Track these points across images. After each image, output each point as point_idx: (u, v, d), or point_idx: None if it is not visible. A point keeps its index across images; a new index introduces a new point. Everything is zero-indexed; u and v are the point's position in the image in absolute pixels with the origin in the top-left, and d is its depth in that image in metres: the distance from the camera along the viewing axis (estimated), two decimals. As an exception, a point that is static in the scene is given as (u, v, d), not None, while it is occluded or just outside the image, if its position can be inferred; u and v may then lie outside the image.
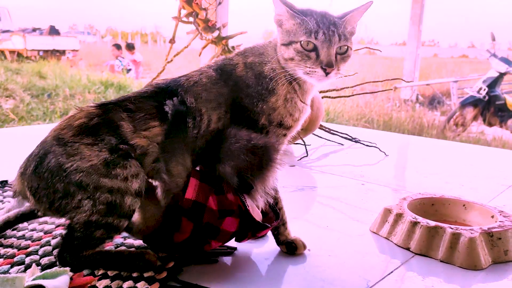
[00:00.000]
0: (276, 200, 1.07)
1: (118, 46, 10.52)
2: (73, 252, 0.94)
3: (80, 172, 0.91)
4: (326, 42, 0.96)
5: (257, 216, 1.00)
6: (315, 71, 0.96)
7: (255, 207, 1.00)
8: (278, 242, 1.09)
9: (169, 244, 1.01)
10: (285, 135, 1.05)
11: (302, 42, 0.97)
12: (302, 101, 1.04)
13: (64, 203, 0.92)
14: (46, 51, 11.99)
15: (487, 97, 6.35)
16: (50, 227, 1.15)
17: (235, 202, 0.98)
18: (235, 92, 1.01)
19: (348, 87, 2.16)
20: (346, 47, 0.99)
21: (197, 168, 1.03)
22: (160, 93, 1.00)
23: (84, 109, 0.98)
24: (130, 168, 0.93)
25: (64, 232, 0.96)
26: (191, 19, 2.01)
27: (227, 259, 1.04)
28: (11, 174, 1.60)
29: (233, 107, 1.01)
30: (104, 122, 0.95)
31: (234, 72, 1.02)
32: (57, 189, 0.92)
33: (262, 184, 0.98)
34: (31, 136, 1.09)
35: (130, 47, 10.33)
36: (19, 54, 11.45)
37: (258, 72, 1.01)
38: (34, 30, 12.55)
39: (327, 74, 0.95)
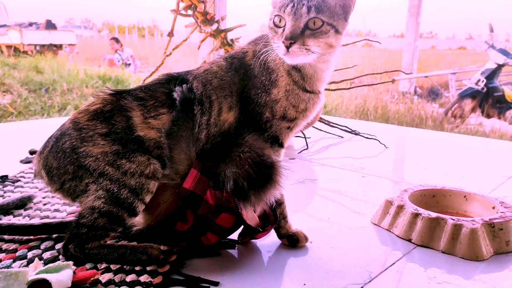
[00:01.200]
0: (279, 200, 1.06)
1: (116, 40, 10.48)
2: (78, 243, 0.94)
3: (90, 156, 0.94)
4: (291, 14, 0.91)
5: (252, 219, 1.00)
6: (279, 46, 0.92)
7: (250, 211, 1.00)
8: (280, 236, 1.09)
9: (171, 233, 1.02)
10: (289, 127, 1.03)
11: (274, 17, 0.94)
12: (308, 90, 1.00)
13: (74, 186, 0.96)
14: (43, 46, 11.92)
15: (485, 89, 6.36)
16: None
17: (232, 201, 0.98)
18: (244, 80, 1.01)
19: (347, 80, 2.15)
20: (320, 21, 0.91)
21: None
22: (171, 80, 1.02)
23: (101, 95, 1.00)
24: (132, 164, 0.94)
25: (74, 222, 0.97)
26: (189, 12, 1.99)
27: (230, 252, 1.04)
28: (10, 169, 1.60)
29: (241, 97, 1.01)
30: (117, 109, 0.97)
31: (244, 60, 1.02)
32: (68, 171, 0.96)
33: (258, 199, 0.97)
34: (29, 131, 1.08)
35: (117, 41, 10.30)
36: (16, 49, 11.38)
37: (262, 61, 1.00)
38: (30, 24, 12.47)
39: (287, 48, 0.90)
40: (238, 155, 0.97)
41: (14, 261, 0.95)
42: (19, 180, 1.47)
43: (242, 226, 1.03)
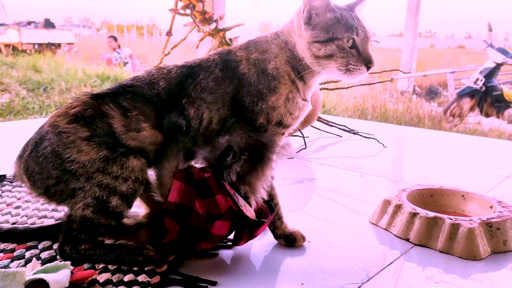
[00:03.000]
0: (272, 196, 1.06)
1: (115, 38, 10.46)
2: (73, 245, 0.94)
3: (77, 163, 0.92)
4: (365, 39, 0.98)
5: (251, 214, 0.98)
6: (360, 69, 0.97)
7: (248, 206, 0.99)
8: (276, 236, 1.09)
9: (157, 246, 0.98)
10: (283, 133, 1.05)
11: (344, 38, 0.96)
12: (303, 99, 1.03)
13: (60, 190, 0.94)
14: (41, 45, 11.91)
15: (484, 88, 6.37)
16: (50, 221, 1.15)
17: (224, 205, 0.95)
18: (238, 89, 1.00)
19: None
20: None
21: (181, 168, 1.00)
22: (162, 101, 0.98)
23: (81, 98, 0.98)
24: (124, 170, 0.93)
25: (65, 222, 0.97)
26: (188, 11, 1.99)
27: (227, 252, 1.04)
28: (8, 168, 1.59)
29: (233, 104, 1.00)
30: (98, 115, 0.95)
31: (238, 69, 1.00)
32: (51, 175, 0.93)
33: (254, 177, 0.96)
34: (27, 130, 1.08)
35: (115, 39, 10.29)
36: (14, 48, 11.36)
37: (261, 69, 1.00)
38: (29, 23, 12.45)
39: (368, 70, 0.98)
40: (233, 132, 0.97)
41: (12, 261, 0.95)
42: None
43: (232, 230, 1.00)
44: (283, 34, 1.03)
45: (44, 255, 0.98)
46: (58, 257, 0.97)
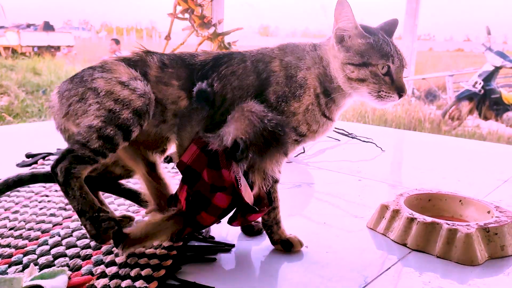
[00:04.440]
0: (272, 199, 1.06)
1: (117, 41, 10.46)
2: (68, 163, 0.97)
3: (102, 78, 1.02)
4: (400, 67, 0.99)
5: (249, 198, 0.99)
6: (391, 96, 0.98)
7: (249, 189, 1.00)
8: (273, 242, 1.09)
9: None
10: (296, 141, 1.05)
11: (379, 65, 0.97)
12: (326, 116, 1.05)
13: (78, 107, 1.02)
14: (40, 47, 11.93)
15: (482, 91, 6.38)
16: (48, 226, 1.15)
17: (228, 179, 0.96)
18: (264, 85, 1.03)
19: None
20: None
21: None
22: (196, 69, 1.06)
23: (135, 51, 1.10)
24: (142, 88, 1.01)
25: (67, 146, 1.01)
26: (186, 15, 2.00)
27: (225, 257, 1.05)
28: (6, 172, 1.60)
29: (259, 98, 1.02)
30: (141, 62, 1.07)
31: (269, 66, 1.04)
32: (78, 92, 1.02)
33: (260, 160, 0.94)
34: (26, 134, 1.09)
35: (117, 42, 10.28)
36: (14, 50, 11.38)
37: (290, 74, 1.03)
38: (28, 26, 12.48)
39: (399, 98, 0.99)
40: (242, 109, 0.97)
41: (9, 266, 0.95)
42: (15, 184, 1.46)
43: (231, 206, 1.00)
44: (321, 49, 1.05)
45: (42, 260, 0.98)
46: (56, 262, 0.97)
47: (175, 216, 1.00)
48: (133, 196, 1.19)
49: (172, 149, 1.14)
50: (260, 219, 1.12)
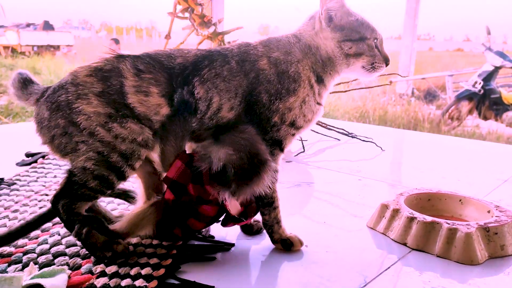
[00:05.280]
0: (273, 199, 1.06)
1: (116, 41, 10.46)
2: (70, 200, 0.97)
3: (83, 114, 0.95)
4: (381, 39, 1.07)
5: (235, 208, 1.02)
6: (381, 66, 1.06)
7: (234, 201, 1.01)
8: (273, 241, 1.09)
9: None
10: (293, 134, 1.06)
11: (372, 39, 1.04)
12: (318, 103, 1.07)
13: (64, 142, 0.97)
14: (40, 47, 11.92)
15: (482, 91, 6.38)
16: (47, 225, 1.15)
17: (212, 193, 0.99)
18: (254, 84, 1.02)
19: (344, 82, 2.15)
20: None
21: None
22: (175, 73, 1.00)
23: (105, 56, 1.02)
24: (125, 130, 0.96)
25: (65, 176, 0.99)
26: (186, 14, 1.99)
27: (225, 256, 1.04)
28: (6, 171, 1.59)
29: (249, 99, 1.02)
30: (114, 72, 0.99)
31: (257, 64, 1.02)
32: (58, 125, 0.97)
33: (240, 190, 0.97)
34: (25, 133, 1.09)
35: (116, 42, 10.28)
36: (13, 50, 11.38)
37: (281, 70, 1.02)
38: (28, 25, 12.47)
39: (386, 67, 1.07)
40: (237, 140, 0.97)
41: (9, 265, 0.95)
42: (15, 183, 1.47)
43: (220, 213, 1.04)
44: (304, 37, 1.06)
45: (42, 259, 0.98)
46: (55, 261, 0.97)
47: (157, 203, 1.03)
48: (122, 193, 1.22)
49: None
50: (260, 218, 1.12)
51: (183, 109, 0.99)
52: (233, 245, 1.09)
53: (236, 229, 1.17)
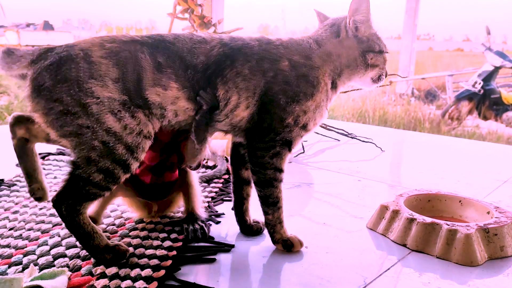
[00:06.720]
0: (278, 199, 1.06)
1: None
2: (73, 199, 0.94)
3: (94, 97, 0.91)
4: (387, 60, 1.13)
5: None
6: (384, 79, 1.12)
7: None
8: (274, 241, 1.09)
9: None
10: (302, 136, 1.08)
11: (386, 53, 1.11)
12: (327, 108, 1.10)
13: (64, 122, 0.91)
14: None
15: (482, 91, 6.38)
16: (47, 227, 1.15)
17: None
18: (271, 84, 1.02)
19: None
20: None
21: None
22: (198, 71, 0.99)
23: (120, 38, 0.98)
24: (134, 120, 0.94)
25: (68, 171, 0.95)
26: (186, 15, 1.99)
27: (225, 257, 1.05)
28: (6, 172, 1.59)
29: (263, 98, 1.02)
30: (132, 60, 0.95)
31: (277, 64, 1.03)
32: (61, 100, 0.91)
33: None
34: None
35: None
36: (13, 50, 11.34)
37: (301, 74, 1.03)
38: (28, 25, 12.46)
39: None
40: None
41: (9, 267, 0.95)
42: (15, 184, 1.47)
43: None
44: (325, 44, 1.07)
45: (42, 261, 0.98)
46: (56, 263, 0.97)
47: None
48: None
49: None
50: (260, 219, 1.12)
51: (209, 109, 1.00)
52: (233, 246, 1.09)
53: (236, 230, 1.18)
